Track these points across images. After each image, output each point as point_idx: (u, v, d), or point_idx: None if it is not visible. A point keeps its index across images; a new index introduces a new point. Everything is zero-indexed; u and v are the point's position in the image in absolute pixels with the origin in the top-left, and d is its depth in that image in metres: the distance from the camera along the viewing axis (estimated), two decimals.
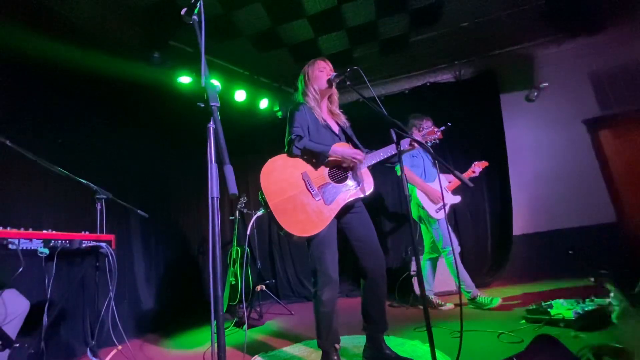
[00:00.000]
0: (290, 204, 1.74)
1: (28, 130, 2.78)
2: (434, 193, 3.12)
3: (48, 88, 3.03)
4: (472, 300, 2.97)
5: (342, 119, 2.12)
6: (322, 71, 2.04)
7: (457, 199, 3.32)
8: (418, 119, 3.31)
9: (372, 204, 3.56)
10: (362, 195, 1.89)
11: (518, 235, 4.11)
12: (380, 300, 1.94)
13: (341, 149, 1.86)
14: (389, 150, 1.92)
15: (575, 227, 4.01)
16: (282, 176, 1.80)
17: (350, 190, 1.86)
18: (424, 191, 3.18)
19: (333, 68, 2.10)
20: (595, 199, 4.01)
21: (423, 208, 3.16)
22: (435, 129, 2.08)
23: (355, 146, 2.05)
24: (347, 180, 1.89)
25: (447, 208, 3.09)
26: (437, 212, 3.15)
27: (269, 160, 1.86)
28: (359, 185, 1.88)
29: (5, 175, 2.53)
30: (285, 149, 1.91)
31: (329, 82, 2.00)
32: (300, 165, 1.86)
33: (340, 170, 1.91)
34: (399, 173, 2.43)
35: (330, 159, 1.86)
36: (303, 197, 1.77)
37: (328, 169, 1.88)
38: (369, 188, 1.91)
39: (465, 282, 3.00)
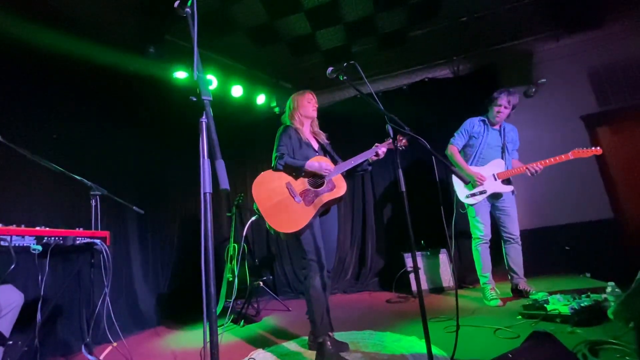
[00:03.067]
0: (277, 207, 2.09)
1: (21, 125, 2.75)
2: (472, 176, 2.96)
3: (41, 82, 2.99)
4: (482, 286, 3.02)
5: (322, 138, 2.48)
6: (309, 102, 2.40)
7: (505, 188, 3.03)
8: (507, 94, 3.06)
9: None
10: (336, 197, 2.20)
11: None
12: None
13: (313, 163, 2.21)
14: (358, 159, 2.29)
15: (573, 223, 4.02)
16: (270, 186, 2.16)
17: (326, 194, 2.20)
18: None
19: (317, 100, 2.46)
20: (593, 195, 4.01)
21: (455, 191, 3.11)
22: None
23: (333, 159, 2.39)
24: (323, 186, 2.23)
25: (483, 195, 3.00)
26: (467, 197, 3.05)
27: (259, 175, 2.21)
28: (333, 189, 2.23)
29: None
30: (272, 164, 2.27)
31: (316, 102, 2.42)
32: (284, 177, 2.21)
33: (317, 179, 2.25)
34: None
35: (307, 171, 2.22)
36: (287, 201, 2.12)
37: (307, 178, 2.24)
38: (342, 191, 2.24)
39: (488, 277, 3.04)
